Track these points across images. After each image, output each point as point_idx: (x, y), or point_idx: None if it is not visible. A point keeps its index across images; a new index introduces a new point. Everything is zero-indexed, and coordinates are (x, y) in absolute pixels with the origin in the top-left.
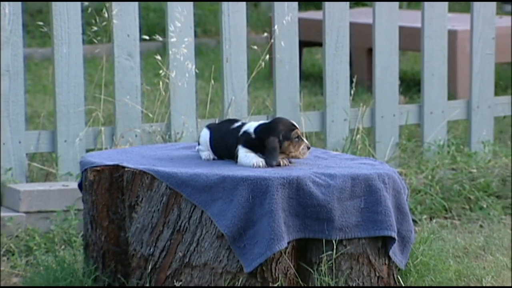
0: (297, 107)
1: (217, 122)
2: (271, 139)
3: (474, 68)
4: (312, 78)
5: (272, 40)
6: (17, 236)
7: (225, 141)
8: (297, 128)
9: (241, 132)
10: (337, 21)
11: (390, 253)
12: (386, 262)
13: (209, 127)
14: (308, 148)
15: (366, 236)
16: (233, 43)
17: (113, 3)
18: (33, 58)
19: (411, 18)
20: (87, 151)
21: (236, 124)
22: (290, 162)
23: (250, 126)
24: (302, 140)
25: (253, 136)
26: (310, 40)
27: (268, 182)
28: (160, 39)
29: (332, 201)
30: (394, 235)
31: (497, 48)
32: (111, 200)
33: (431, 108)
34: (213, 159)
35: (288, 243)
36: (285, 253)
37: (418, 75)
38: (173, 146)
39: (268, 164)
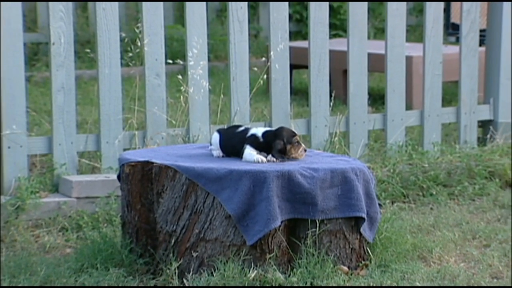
0: (288, 115)
1: (225, 127)
2: (278, 142)
3: (426, 85)
4: (300, 93)
5: (269, 64)
6: (69, 216)
7: (232, 142)
8: (297, 135)
9: (248, 135)
10: (319, 48)
11: (361, 230)
12: (358, 237)
13: (219, 131)
14: (305, 150)
15: (342, 217)
16: (238, 66)
17: (144, 34)
18: (83, 77)
19: (377, 46)
20: (124, 150)
21: (241, 129)
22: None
23: (258, 131)
24: (300, 144)
25: (261, 139)
26: (299, 63)
27: (266, 174)
28: (181, 62)
29: (315, 189)
30: (364, 216)
31: (444, 70)
32: (143, 188)
33: (392, 117)
34: (222, 156)
35: (281, 222)
36: (278, 230)
37: (382, 91)
38: (191, 146)
39: (277, 159)
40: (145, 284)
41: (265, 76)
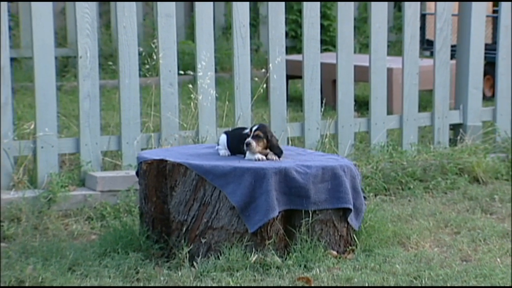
0: (284, 119)
1: (230, 129)
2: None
3: (404, 93)
4: (295, 100)
5: (268, 74)
6: (94, 207)
7: (237, 142)
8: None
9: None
10: (311, 61)
11: (348, 219)
12: (346, 225)
13: (226, 132)
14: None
15: (332, 208)
16: (241, 76)
17: (160, 48)
18: (106, 86)
19: (362, 59)
20: (142, 149)
21: (246, 131)
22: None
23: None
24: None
25: None
26: (294, 74)
27: (265, 171)
28: (192, 73)
29: (308, 184)
30: (351, 207)
31: (420, 80)
32: (158, 183)
33: (375, 121)
34: (228, 155)
35: (279, 212)
36: (276, 219)
37: (366, 98)
38: (200, 146)
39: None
40: (160, 266)
41: (264, 85)
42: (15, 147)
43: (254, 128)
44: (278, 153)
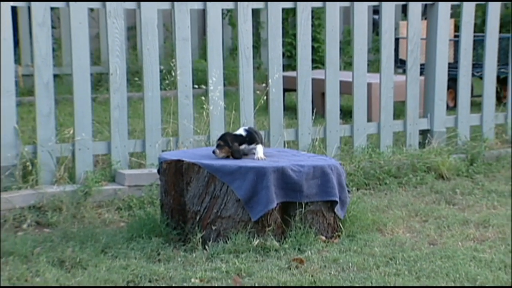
0: (281, 126)
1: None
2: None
3: (382, 104)
4: (290, 110)
5: (268, 88)
6: (123, 199)
7: None
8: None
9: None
10: (304, 77)
11: (335, 210)
12: (333, 215)
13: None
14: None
15: (321, 200)
16: (245, 90)
17: (177, 67)
18: (132, 98)
19: (346, 75)
20: (162, 151)
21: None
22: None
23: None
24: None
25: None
26: (289, 88)
27: (265, 169)
28: (204, 87)
29: (302, 180)
30: (337, 199)
31: (394, 93)
32: (176, 179)
33: (357, 127)
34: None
35: (277, 204)
36: (275, 210)
37: (350, 108)
38: (211, 149)
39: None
40: (178, 249)
41: (265, 97)
42: (57, 149)
43: (217, 139)
44: (237, 157)
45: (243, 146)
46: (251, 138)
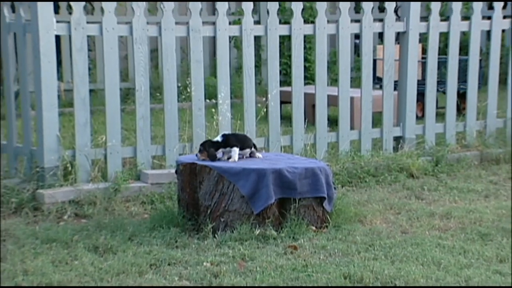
0: (279, 133)
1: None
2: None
3: (362, 115)
4: (286, 119)
5: (267, 101)
6: (147, 195)
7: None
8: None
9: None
10: (298, 92)
11: (324, 204)
12: (322, 209)
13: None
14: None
15: (312, 196)
16: (248, 103)
17: (192, 83)
18: (155, 109)
19: (333, 90)
20: (179, 155)
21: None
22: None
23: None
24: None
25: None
26: (286, 100)
27: (265, 170)
28: (214, 101)
29: (296, 180)
30: (325, 196)
31: (373, 105)
32: (190, 179)
33: (342, 134)
34: (239, 159)
35: (275, 200)
36: (273, 205)
37: (336, 118)
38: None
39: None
40: (192, 237)
41: (265, 109)
42: (92, 153)
43: (200, 145)
44: (212, 160)
45: (220, 150)
46: (226, 142)
